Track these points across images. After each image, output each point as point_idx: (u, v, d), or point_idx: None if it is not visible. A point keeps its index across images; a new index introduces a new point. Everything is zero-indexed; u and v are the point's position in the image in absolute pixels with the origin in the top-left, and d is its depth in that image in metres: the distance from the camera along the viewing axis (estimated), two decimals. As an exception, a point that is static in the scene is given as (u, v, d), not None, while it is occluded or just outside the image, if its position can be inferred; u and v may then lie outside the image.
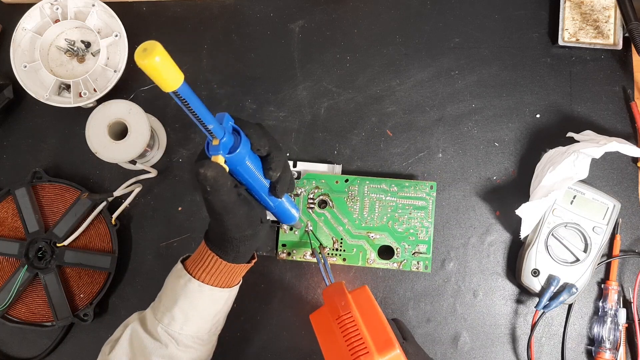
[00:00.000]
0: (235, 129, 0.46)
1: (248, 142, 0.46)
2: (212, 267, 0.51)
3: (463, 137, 0.70)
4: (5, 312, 0.66)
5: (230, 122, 0.46)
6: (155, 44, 0.34)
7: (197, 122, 0.41)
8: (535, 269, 0.63)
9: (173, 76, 0.36)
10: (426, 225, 0.66)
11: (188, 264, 0.53)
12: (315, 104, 0.71)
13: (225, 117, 0.46)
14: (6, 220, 0.68)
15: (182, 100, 0.38)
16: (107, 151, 0.64)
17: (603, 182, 0.68)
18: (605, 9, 0.71)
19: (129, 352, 0.52)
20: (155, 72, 0.35)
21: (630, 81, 0.70)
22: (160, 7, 0.74)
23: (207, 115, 0.41)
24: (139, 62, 0.34)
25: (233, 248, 0.50)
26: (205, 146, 0.46)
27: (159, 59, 0.34)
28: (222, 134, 0.44)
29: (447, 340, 0.66)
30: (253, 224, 0.50)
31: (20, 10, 0.70)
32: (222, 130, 0.44)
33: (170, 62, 0.35)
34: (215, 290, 0.52)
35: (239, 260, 0.52)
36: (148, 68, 0.34)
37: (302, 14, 0.73)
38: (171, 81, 0.36)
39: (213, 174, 0.43)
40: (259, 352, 0.66)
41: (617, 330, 0.63)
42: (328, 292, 0.53)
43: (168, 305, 0.52)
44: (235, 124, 0.46)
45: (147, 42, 0.35)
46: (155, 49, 0.34)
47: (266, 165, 0.48)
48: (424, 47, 0.72)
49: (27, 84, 0.69)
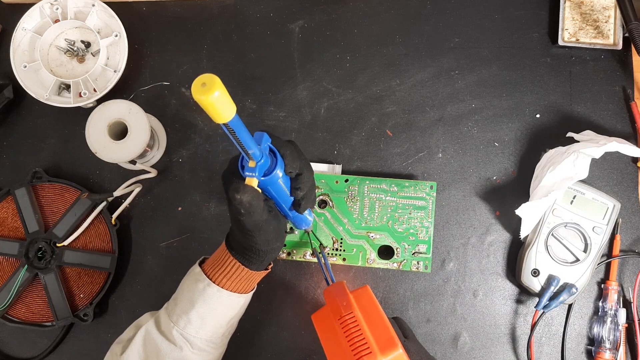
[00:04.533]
0: (272, 149, 0.45)
1: (283, 163, 0.46)
2: (233, 273, 0.51)
3: (463, 137, 0.70)
4: (5, 312, 0.66)
5: (267, 142, 0.45)
6: (214, 78, 0.32)
7: (239, 147, 0.40)
8: (535, 269, 0.63)
9: (228, 109, 0.34)
10: (426, 225, 0.66)
11: (206, 268, 0.53)
12: (315, 104, 0.71)
13: (264, 138, 0.45)
14: (6, 220, 0.68)
15: (230, 131, 0.37)
16: (107, 151, 0.64)
17: (603, 182, 0.68)
18: (605, 9, 0.71)
19: (142, 353, 0.52)
20: (212, 106, 0.33)
21: (630, 81, 0.70)
22: (160, 7, 0.74)
23: (250, 141, 0.40)
24: (197, 97, 0.32)
25: (259, 258, 0.51)
26: (239, 162, 0.45)
27: (219, 93, 0.32)
28: (260, 157, 0.43)
29: (447, 340, 0.66)
30: (280, 237, 0.51)
31: (20, 10, 0.70)
32: (261, 153, 0.43)
33: (227, 96, 0.33)
34: (234, 296, 0.52)
35: (261, 268, 0.53)
36: (206, 103, 0.32)
37: (302, 14, 0.73)
38: (226, 114, 0.34)
39: (249, 198, 0.43)
40: (259, 352, 0.66)
41: (617, 330, 0.63)
42: (329, 291, 0.53)
43: (185, 309, 0.52)
44: (271, 144, 0.45)
45: (204, 75, 0.32)
46: (214, 84, 0.32)
47: (295, 184, 0.49)
48: (424, 47, 0.72)
49: (27, 84, 0.69)
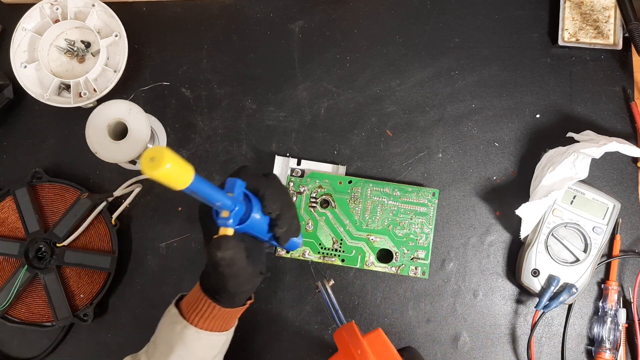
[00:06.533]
0: (247, 194, 0.44)
1: (259, 205, 0.44)
2: (209, 313, 0.50)
3: (463, 137, 0.70)
4: (5, 312, 0.66)
5: (242, 188, 0.43)
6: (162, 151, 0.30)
7: (207, 202, 0.39)
8: (535, 269, 0.63)
9: (184, 174, 0.33)
10: (426, 231, 0.66)
11: (183, 307, 0.51)
12: (315, 104, 0.71)
13: (237, 184, 0.43)
14: (6, 220, 0.68)
15: (193, 193, 0.35)
16: (107, 151, 0.64)
17: (603, 182, 0.68)
18: (605, 9, 0.71)
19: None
20: (167, 178, 0.31)
21: (630, 81, 0.70)
22: (160, 7, 0.74)
23: (217, 195, 0.38)
24: (149, 174, 0.30)
25: (229, 299, 0.50)
26: (213, 213, 0.43)
27: (170, 165, 0.30)
28: (232, 206, 0.41)
29: (447, 340, 0.66)
30: (254, 280, 0.49)
31: (20, 10, 0.70)
32: (234, 202, 0.41)
33: (180, 163, 0.31)
34: (213, 335, 0.51)
35: (234, 305, 0.51)
36: (159, 177, 0.31)
37: (302, 14, 0.73)
38: (184, 180, 0.33)
39: (230, 255, 0.42)
40: (259, 352, 0.66)
41: (617, 331, 0.63)
42: (340, 335, 0.51)
43: (164, 352, 0.50)
44: (247, 189, 0.44)
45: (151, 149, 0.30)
46: (163, 157, 0.30)
47: (273, 222, 0.47)
48: (424, 47, 0.72)
49: (27, 84, 0.69)
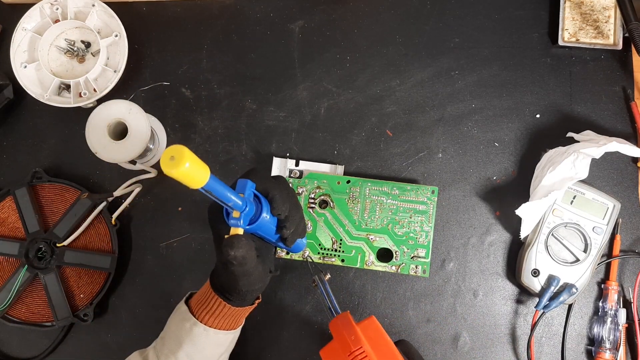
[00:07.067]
0: (257, 194, 0.45)
1: (268, 206, 0.45)
2: (219, 312, 0.51)
3: (463, 137, 0.70)
4: (5, 312, 0.66)
5: (252, 189, 0.44)
6: (182, 150, 0.31)
7: (220, 202, 0.40)
8: (535, 269, 0.63)
9: (201, 174, 0.33)
10: (426, 229, 0.66)
11: (192, 305, 0.52)
12: (315, 104, 0.71)
13: (248, 185, 0.44)
14: (6, 220, 0.68)
15: (208, 192, 0.36)
16: (107, 151, 0.64)
17: (603, 182, 0.68)
18: (605, 9, 0.71)
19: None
20: (185, 177, 0.32)
21: (630, 81, 0.70)
22: (160, 7, 0.74)
23: (231, 195, 0.40)
24: (168, 171, 0.31)
25: (239, 297, 0.51)
26: (224, 210, 0.44)
27: (189, 164, 0.31)
28: (243, 207, 0.42)
29: (447, 340, 0.66)
30: (264, 279, 0.50)
31: (20, 10, 0.70)
32: (244, 202, 0.42)
33: (197, 162, 0.32)
34: (221, 334, 0.52)
35: (244, 304, 0.52)
36: (178, 176, 0.31)
37: (302, 14, 0.73)
38: (200, 179, 0.34)
39: (242, 253, 0.43)
40: (259, 352, 0.66)
41: (617, 331, 0.63)
42: (335, 324, 0.52)
43: (172, 349, 0.51)
44: (257, 189, 0.45)
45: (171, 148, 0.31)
46: (183, 156, 0.30)
47: (281, 223, 0.49)
48: (424, 47, 0.72)
49: (27, 84, 0.69)
